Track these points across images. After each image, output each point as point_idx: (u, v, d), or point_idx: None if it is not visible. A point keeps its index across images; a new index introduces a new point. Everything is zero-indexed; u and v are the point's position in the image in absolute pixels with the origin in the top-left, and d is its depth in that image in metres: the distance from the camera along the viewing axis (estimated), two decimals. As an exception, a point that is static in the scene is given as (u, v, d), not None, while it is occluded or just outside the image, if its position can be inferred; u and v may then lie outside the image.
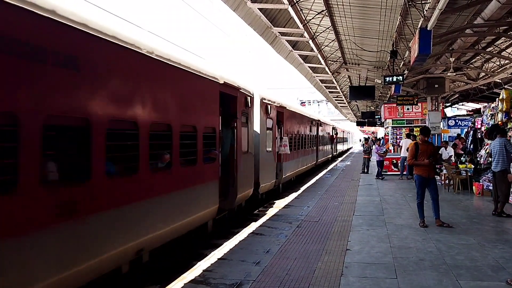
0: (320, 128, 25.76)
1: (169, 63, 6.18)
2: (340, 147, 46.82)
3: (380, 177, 18.83)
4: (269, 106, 12.51)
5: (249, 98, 10.28)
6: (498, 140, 9.91)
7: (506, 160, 9.63)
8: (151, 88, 5.72)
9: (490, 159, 13.93)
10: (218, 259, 6.76)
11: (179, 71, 6.55)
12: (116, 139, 4.97)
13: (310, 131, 21.56)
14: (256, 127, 11.48)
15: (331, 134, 33.32)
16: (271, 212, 11.01)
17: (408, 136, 19.26)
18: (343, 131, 49.41)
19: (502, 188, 9.69)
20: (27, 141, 3.62)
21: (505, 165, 9.63)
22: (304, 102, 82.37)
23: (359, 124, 49.06)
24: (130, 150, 5.31)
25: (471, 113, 27.89)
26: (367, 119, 40.09)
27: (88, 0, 4.82)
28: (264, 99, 12.16)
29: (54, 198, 3.95)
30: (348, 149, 63.26)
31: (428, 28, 9.51)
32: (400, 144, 19.07)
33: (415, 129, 24.38)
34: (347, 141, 60.88)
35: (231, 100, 9.29)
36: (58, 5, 4.06)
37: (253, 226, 9.25)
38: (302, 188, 16.05)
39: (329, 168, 27.51)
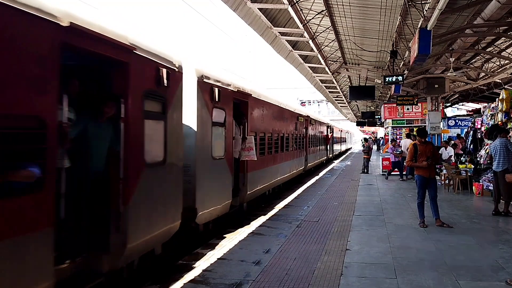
0: (310, 126, 21.94)
1: None
2: (338, 148, 41.82)
3: (402, 178, 18.39)
4: (217, 90, 8.32)
5: (165, 70, 5.92)
6: (499, 140, 9.92)
7: (507, 159, 9.64)
8: None
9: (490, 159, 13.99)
10: (218, 259, 6.76)
11: None
12: None
13: (296, 129, 17.57)
14: (190, 120, 7.48)
15: (325, 133, 29.38)
16: (271, 212, 10.99)
17: (408, 136, 19.24)
18: (341, 130, 44.73)
19: (504, 188, 9.69)
20: None
21: (506, 164, 9.63)
22: (304, 102, 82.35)
23: (359, 124, 49.04)
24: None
25: (471, 113, 27.88)
26: (367, 119, 40.09)
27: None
28: (208, 78, 8.02)
29: None
30: (346, 150, 59.07)
31: (428, 28, 9.50)
32: (400, 144, 19.02)
33: (414, 129, 24.39)
34: (345, 141, 55.89)
35: (113, 68, 5.14)
36: None
37: (252, 226, 9.25)
38: (302, 188, 16.05)
39: (328, 168, 27.47)
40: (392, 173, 19.72)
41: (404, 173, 18.41)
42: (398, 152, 18.53)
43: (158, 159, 5.87)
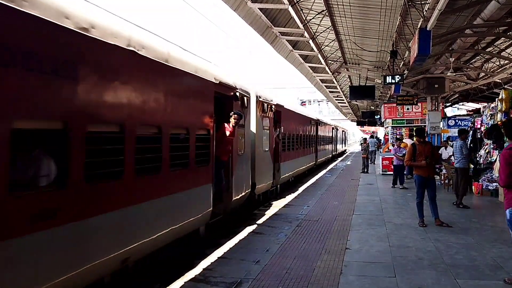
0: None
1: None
2: (340, 147, 42.41)
3: (400, 186, 15.61)
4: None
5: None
6: (459, 142, 11.61)
7: (464, 157, 11.47)
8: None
9: (490, 159, 14.02)
10: (218, 257, 6.81)
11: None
12: None
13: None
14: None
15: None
16: (271, 211, 11.04)
17: (411, 136, 19.15)
18: (344, 131, 44.35)
19: (462, 183, 11.53)
20: None
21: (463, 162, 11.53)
22: (305, 102, 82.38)
23: (359, 123, 49.09)
24: None
25: (471, 113, 27.92)
26: (367, 118, 40.15)
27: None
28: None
29: None
30: (343, 152, 51.34)
31: (428, 28, 9.54)
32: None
33: (414, 129, 24.43)
34: (343, 142, 50.57)
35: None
36: None
37: (253, 225, 9.29)
38: (302, 188, 16.10)
39: (328, 168, 27.51)
40: (389, 172, 19.70)
41: (404, 172, 17.68)
42: (401, 155, 15.67)
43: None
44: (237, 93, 9.18)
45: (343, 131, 45.30)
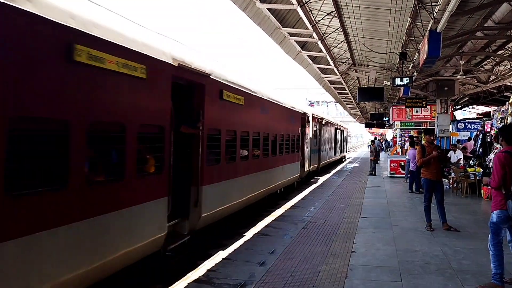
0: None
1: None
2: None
3: (416, 191, 14.80)
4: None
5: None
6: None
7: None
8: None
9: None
10: (223, 259, 6.77)
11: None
12: None
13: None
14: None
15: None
16: (277, 213, 10.99)
17: (412, 144, 18.55)
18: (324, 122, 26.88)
19: None
20: None
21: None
22: (313, 103, 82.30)
23: (368, 125, 48.81)
24: None
25: (481, 116, 27.67)
26: (375, 120, 39.91)
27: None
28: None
29: None
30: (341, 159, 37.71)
31: (438, 30, 9.44)
32: (406, 147, 18.91)
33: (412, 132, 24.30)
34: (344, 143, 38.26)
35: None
36: None
37: (258, 227, 9.25)
38: (309, 189, 16.02)
39: (336, 169, 27.38)
40: (397, 175, 19.61)
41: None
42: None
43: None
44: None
45: (339, 130, 32.57)
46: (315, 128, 19.89)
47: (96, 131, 4.55)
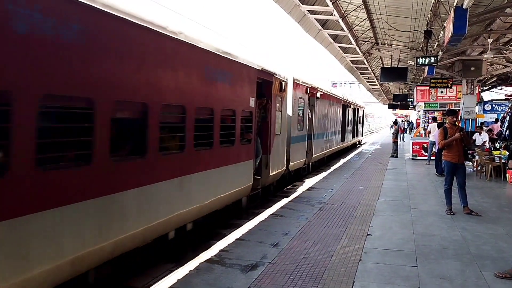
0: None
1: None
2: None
3: (438, 174, 14.20)
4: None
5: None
6: None
7: None
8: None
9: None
10: (236, 239, 6.74)
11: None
12: None
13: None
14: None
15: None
16: (294, 194, 10.90)
17: (435, 120, 18.33)
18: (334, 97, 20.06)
19: None
20: None
21: None
22: (336, 83, 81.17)
23: (391, 107, 47.84)
24: None
25: (509, 97, 26.74)
26: (399, 102, 39.00)
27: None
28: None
29: None
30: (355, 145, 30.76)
31: (464, 7, 9.00)
32: (429, 129, 18.42)
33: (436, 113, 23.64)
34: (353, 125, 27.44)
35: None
36: None
37: (274, 208, 9.19)
38: (328, 171, 15.85)
39: (357, 151, 27.04)
40: (419, 157, 19.24)
41: (432, 158, 17.04)
42: None
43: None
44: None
45: (350, 108, 24.74)
46: (301, 102, 13.10)
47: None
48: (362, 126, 34.16)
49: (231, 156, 7.82)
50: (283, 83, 10.71)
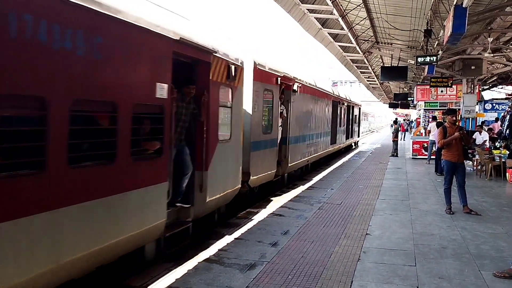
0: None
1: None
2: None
3: (439, 173, 13.80)
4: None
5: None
6: None
7: None
8: None
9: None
10: (235, 238, 6.73)
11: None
12: None
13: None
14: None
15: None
16: (293, 193, 10.89)
17: (435, 119, 18.41)
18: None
19: None
20: None
21: None
22: (336, 82, 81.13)
23: (392, 106, 47.82)
24: None
25: (510, 96, 26.72)
26: (399, 101, 38.97)
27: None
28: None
29: None
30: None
31: (464, 5, 8.98)
32: (429, 128, 18.40)
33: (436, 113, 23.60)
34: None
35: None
36: None
37: (273, 207, 9.17)
38: (328, 170, 15.83)
39: (356, 151, 27.02)
40: (419, 156, 19.23)
41: (432, 157, 17.01)
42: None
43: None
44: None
45: (342, 105, 21.52)
46: (268, 96, 10.08)
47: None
48: (359, 126, 30.53)
49: (108, 181, 4.56)
50: (234, 67, 7.45)
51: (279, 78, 10.55)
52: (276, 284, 4.92)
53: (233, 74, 7.42)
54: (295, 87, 11.89)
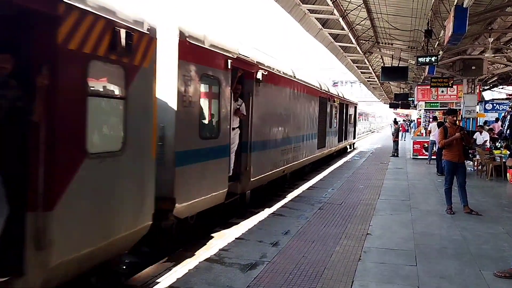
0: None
1: None
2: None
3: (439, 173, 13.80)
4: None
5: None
6: None
7: None
8: None
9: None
10: (236, 238, 6.74)
11: None
12: None
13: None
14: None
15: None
16: (294, 193, 10.89)
17: (436, 119, 18.44)
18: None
19: None
20: None
21: None
22: (337, 83, 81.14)
23: (392, 106, 47.80)
24: None
25: (510, 96, 26.72)
26: (400, 101, 38.96)
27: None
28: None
29: None
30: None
31: (464, 6, 8.98)
32: (429, 128, 18.40)
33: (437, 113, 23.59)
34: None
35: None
36: None
37: (274, 207, 9.18)
38: (328, 170, 15.84)
39: (356, 152, 27.02)
40: (420, 156, 19.23)
41: (433, 157, 17.01)
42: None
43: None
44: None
45: (333, 102, 18.30)
46: (209, 82, 7.26)
47: None
48: (355, 127, 26.64)
49: None
50: (131, 34, 4.65)
51: (229, 61, 7.46)
52: (277, 283, 4.93)
53: (127, 44, 4.58)
54: (259, 75, 8.94)
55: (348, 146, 25.73)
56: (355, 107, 25.96)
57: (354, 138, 27.16)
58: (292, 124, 11.96)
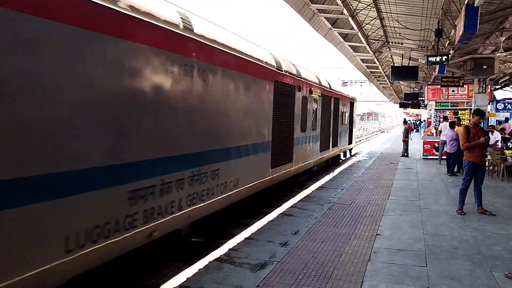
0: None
1: None
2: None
3: (450, 173, 14.28)
4: None
5: None
6: None
7: None
8: None
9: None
10: (245, 238, 6.77)
11: None
12: None
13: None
14: None
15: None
16: (303, 193, 10.89)
17: (446, 119, 18.22)
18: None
19: None
20: None
21: None
22: (346, 82, 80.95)
23: (402, 105, 47.52)
24: None
25: (522, 96, 26.43)
26: (410, 100, 38.69)
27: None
28: None
29: None
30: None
31: (476, 5, 8.93)
32: (440, 128, 18.24)
33: (460, 112, 23.36)
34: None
35: None
36: None
37: (283, 207, 9.19)
38: (338, 170, 15.80)
39: (366, 152, 26.89)
40: (430, 156, 19.07)
41: (443, 157, 16.83)
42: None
43: None
44: None
45: (325, 95, 13.84)
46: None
47: None
48: (351, 128, 20.60)
49: None
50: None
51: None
52: (286, 283, 4.94)
53: None
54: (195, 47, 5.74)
55: (341, 154, 20.56)
56: (352, 103, 20.11)
57: (350, 143, 21.11)
58: (249, 126, 7.94)
